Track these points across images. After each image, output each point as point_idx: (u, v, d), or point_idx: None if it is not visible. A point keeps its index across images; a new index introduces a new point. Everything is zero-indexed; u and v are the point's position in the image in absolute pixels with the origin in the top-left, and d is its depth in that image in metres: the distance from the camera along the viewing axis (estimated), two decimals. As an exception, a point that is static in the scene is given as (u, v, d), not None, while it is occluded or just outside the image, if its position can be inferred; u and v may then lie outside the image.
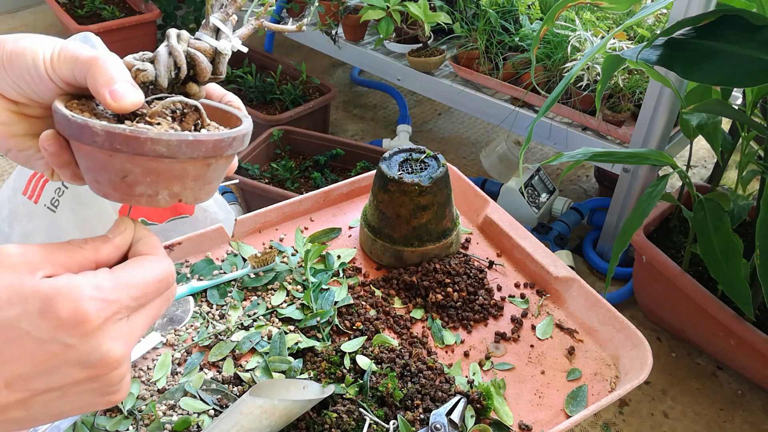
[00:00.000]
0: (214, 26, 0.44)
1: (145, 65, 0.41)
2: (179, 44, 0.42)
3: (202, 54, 0.43)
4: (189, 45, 0.43)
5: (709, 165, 2.02)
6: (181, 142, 0.37)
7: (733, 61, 0.81)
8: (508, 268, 0.82)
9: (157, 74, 0.41)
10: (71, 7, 2.43)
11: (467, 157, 2.06)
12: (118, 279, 0.37)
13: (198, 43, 0.43)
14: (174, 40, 0.42)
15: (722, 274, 1.06)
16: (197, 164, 0.39)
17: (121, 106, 0.38)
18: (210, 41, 0.43)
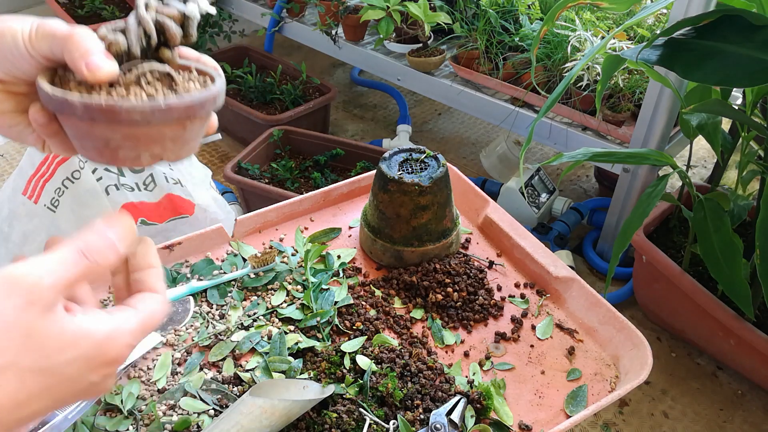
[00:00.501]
0: None
1: (116, 36, 0.42)
2: (148, 13, 0.43)
3: (171, 20, 0.43)
4: (157, 12, 0.43)
5: (709, 165, 2.02)
6: (154, 109, 0.40)
7: (733, 61, 0.81)
8: (508, 268, 0.82)
9: (129, 44, 0.42)
10: (71, 7, 2.43)
11: (467, 157, 2.06)
12: (144, 325, 0.40)
13: (166, 9, 0.43)
14: (142, 10, 0.42)
15: (722, 274, 1.06)
16: (173, 127, 0.42)
17: (96, 77, 0.40)
18: (178, 5, 0.44)
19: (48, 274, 0.36)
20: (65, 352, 0.36)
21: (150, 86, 0.43)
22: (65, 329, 0.36)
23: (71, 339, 0.36)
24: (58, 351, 0.35)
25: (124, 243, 0.41)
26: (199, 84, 0.46)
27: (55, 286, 0.36)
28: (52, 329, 0.35)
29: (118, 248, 0.40)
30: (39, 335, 0.35)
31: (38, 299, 0.35)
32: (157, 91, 0.42)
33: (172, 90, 0.43)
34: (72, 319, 0.37)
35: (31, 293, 0.35)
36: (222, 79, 0.46)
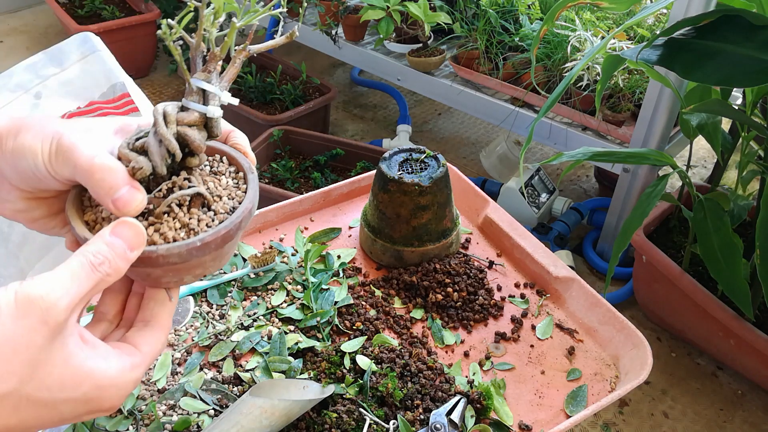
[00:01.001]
0: (198, 88, 0.42)
1: (139, 161, 0.40)
2: (168, 128, 0.40)
3: (193, 127, 0.41)
4: (177, 123, 0.41)
5: (709, 165, 2.02)
6: (191, 249, 0.40)
7: (733, 61, 0.81)
8: (508, 268, 0.82)
9: (153, 166, 0.41)
10: (71, 7, 2.43)
11: (467, 157, 2.06)
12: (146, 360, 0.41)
13: (186, 117, 0.41)
14: (162, 127, 0.40)
15: (722, 274, 1.06)
16: (212, 254, 0.42)
17: (126, 213, 0.40)
18: (198, 108, 0.41)
19: (64, 295, 0.35)
20: (66, 390, 0.36)
21: (183, 213, 0.42)
22: (69, 364, 0.36)
23: (73, 377, 0.36)
24: (58, 387, 0.35)
25: (135, 250, 0.39)
26: (231, 182, 0.45)
27: (71, 305, 0.35)
28: (58, 360, 0.35)
29: (128, 257, 0.39)
30: (45, 364, 0.34)
31: (52, 320, 0.34)
32: (191, 219, 0.42)
33: (206, 207, 0.43)
34: (80, 354, 0.36)
35: (46, 314, 0.34)
36: (254, 173, 0.45)
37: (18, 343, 0.33)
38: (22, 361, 0.33)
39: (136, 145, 0.41)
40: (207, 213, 0.43)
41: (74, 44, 0.89)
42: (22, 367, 0.33)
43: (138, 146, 0.41)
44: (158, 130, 0.40)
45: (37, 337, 0.34)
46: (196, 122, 0.41)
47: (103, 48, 0.91)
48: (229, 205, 0.44)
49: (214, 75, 0.42)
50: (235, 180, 0.46)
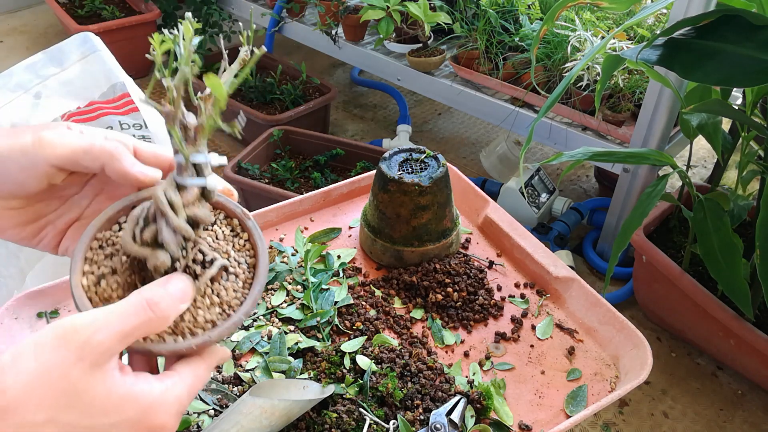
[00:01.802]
0: (191, 164, 0.42)
1: (159, 257, 0.41)
2: (179, 217, 0.41)
3: (198, 205, 0.42)
4: (184, 205, 0.41)
5: (709, 165, 2.02)
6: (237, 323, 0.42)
7: (733, 61, 0.81)
8: (508, 268, 0.82)
9: (172, 256, 0.41)
10: (71, 7, 2.43)
11: (467, 157, 2.06)
12: (191, 392, 0.40)
13: (190, 197, 0.41)
14: (174, 219, 0.40)
15: (722, 274, 1.06)
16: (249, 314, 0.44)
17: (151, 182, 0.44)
18: (197, 183, 0.42)
19: (104, 328, 0.35)
20: (109, 415, 0.35)
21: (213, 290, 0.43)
22: (112, 391, 0.35)
23: (117, 402, 0.35)
24: (102, 413, 0.35)
25: (186, 302, 0.40)
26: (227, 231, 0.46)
27: (109, 339, 0.35)
28: (99, 389, 0.35)
29: (179, 307, 0.39)
30: (84, 395, 0.34)
31: (89, 355, 0.34)
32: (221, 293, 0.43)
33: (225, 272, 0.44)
34: (121, 382, 0.36)
35: (83, 349, 0.34)
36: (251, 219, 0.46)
37: (53, 375, 0.33)
38: (56, 392, 0.33)
39: (145, 237, 0.41)
40: (228, 279, 0.44)
41: (74, 44, 0.89)
42: (57, 398, 0.33)
43: (147, 238, 0.41)
44: (172, 223, 0.40)
45: (73, 370, 0.34)
46: (197, 198, 0.42)
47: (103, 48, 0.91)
48: (240, 256, 0.45)
49: (202, 143, 0.41)
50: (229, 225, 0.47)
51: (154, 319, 0.37)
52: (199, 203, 0.42)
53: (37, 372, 0.33)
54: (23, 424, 0.33)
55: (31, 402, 0.33)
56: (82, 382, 0.34)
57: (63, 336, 0.34)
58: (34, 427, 0.33)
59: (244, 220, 0.46)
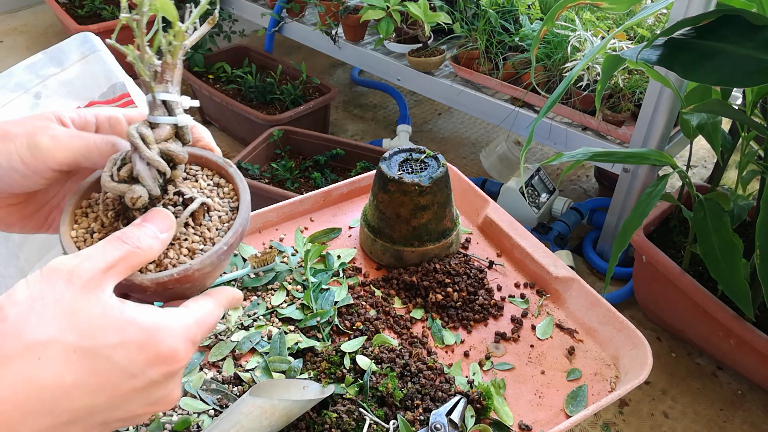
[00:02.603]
0: (160, 101, 0.42)
1: (135, 190, 0.41)
2: (152, 150, 0.41)
3: (171, 141, 0.43)
4: (157, 140, 0.42)
5: (709, 165, 2.02)
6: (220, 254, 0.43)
7: (733, 61, 0.81)
8: (508, 268, 0.82)
9: (149, 191, 0.42)
10: (71, 7, 2.43)
11: (467, 157, 2.06)
12: (200, 322, 0.40)
13: (162, 133, 0.42)
14: (146, 150, 0.41)
15: (722, 274, 1.06)
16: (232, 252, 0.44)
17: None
18: (169, 121, 0.42)
19: (86, 260, 0.36)
20: (109, 335, 0.34)
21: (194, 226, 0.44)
22: (108, 312, 0.35)
23: (115, 322, 0.34)
24: (102, 332, 0.34)
25: (166, 232, 0.41)
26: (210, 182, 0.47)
27: (94, 268, 0.35)
28: (95, 310, 0.34)
29: (158, 235, 0.40)
30: (81, 313, 0.34)
31: (78, 278, 0.34)
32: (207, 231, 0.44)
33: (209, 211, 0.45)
34: (119, 305, 0.35)
35: (71, 275, 0.35)
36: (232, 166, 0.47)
37: (47, 299, 0.33)
38: (54, 312, 0.33)
39: (121, 174, 0.42)
40: (212, 218, 0.45)
41: (74, 44, 0.89)
42: (56, 317, 0.33)
43: (124, 175, 0.42)
44: (144, 155, 0.41)
45: (66, 293, 0.34)
46: (170, 135, 0.43)
47: (103, 48, 0.91)
48: (224, 204, 0.46)
49: (171, 84, 0.42)
50: (210, 178, 0.47)
51: (132, 249, 0.38)
52: (174, 141, 0.43)
53: (31, 298, 0.33)
54: (27, 344, 0.32)
55: (31, 322, 0.33)
56: (76, 303, 0.34)
57: (50, 269, 0.35)
58: (37, 345, 0.32)
59: (226, 168, 0.47)
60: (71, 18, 2.28)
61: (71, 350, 0.33)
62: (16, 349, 0.32)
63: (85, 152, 0.42)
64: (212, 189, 0.47)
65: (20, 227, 0.46)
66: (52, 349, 0.32)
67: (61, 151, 0.41)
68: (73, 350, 0.33)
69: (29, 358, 0.32)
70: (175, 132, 0.43)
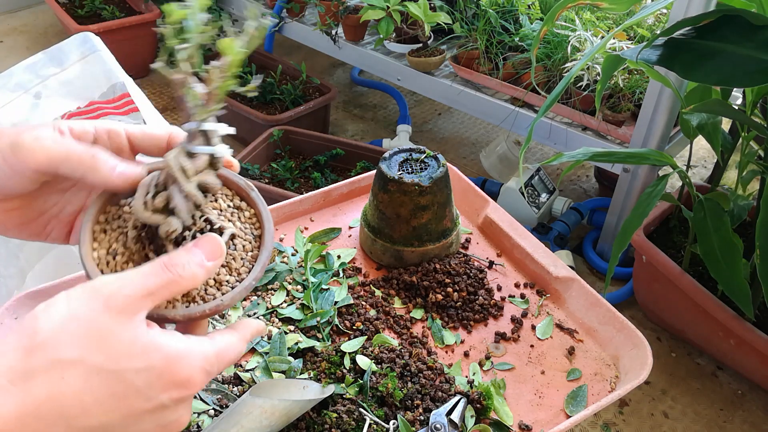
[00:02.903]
0: (200, 131, 0.42)
1: (172, 224, 0.42)
2: (190, 183, 0.42)
3: (207, 172, 0.43)
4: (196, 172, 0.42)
5: (709, 165, 2.02)
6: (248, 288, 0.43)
7: (733, 61, 0.81)
8: (508, 268, 0.82)
9: (184, 223, 0.42)
10: (71, 7, 2.43)
11: (467, 157, 2.06)
12: (220, 355, 0.41)
13: (200, 164, 0.42)
14: (186, 184, 0.41)
15: (722, 274, 1.06)
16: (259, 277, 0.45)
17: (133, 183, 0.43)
18: (207, 150, 0.42)
19: (128, 284, 0.37)
20: (134, 360, 0.36)
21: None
22: (137, 338, 0.36)
23: (142, 348, 0.36)
24: (127, 357, 0.36)
25: (213, 260, 0.41)
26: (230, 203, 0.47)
27: (134, 294, 0.37)
28: (125, 335, 0.36)
29: (205, 264, 0.40)
30: (111, 338, 0.35)
31: (115, 305, 0.36)
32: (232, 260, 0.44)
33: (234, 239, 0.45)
34: (147, 331, 0.37)
35: (109, 299, 0.36)
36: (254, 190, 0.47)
37: (81, 320, 0.35)
38: (84, 334, 0.35)
39: (156, 204, 0.42)
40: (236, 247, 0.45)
41: (74, 44, 0.89)
42: (85, 338, 0.35)
43: (159, 205, 0.42)
44: (183, 188, 0.41)
45: (101, 317, 0.35)
46: (207, 165, 0.43)
47: (103, 48, 0.91)
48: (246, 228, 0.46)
49: (212, 114, 0.42)
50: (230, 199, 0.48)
51: (175, 278, 0.39)
52: (208, 171, 0.43)
53: (68, 316, 0.35)
54: (54, 361, 0.34)
55: (62, 341, 0.35)
56: (109, 327, 0.36)
57: (92, 289, 0.36)
58: (64, 364, 0.34)
59: (248, 191, 0.47)
60: (71, 18, 2.28)
61: (95, 372, 0.35)
62: (43, 365, 0.34)
63: (64, 158, 0.42)
64: (233, 212, 0.47)
65: (17, 233, 0.47)
66: (77, 369, 0.35)
67: (41, 152, 0.41)
68: (96, 372, 0.35)
69: (54, 376, 0.34)
70: (211, 161, 0.43)
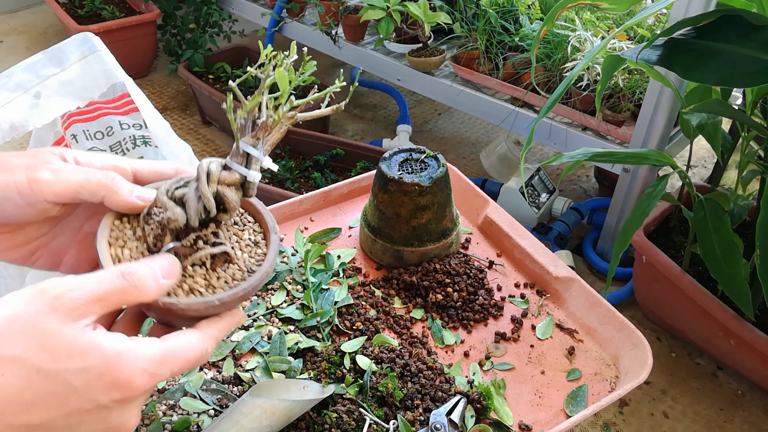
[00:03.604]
0: (244, 152, 0.44)
1: (175, 212, 0.42)
2: (209, 187, 0.43)
3: (232, 188, 0.44)
4: (219, 181, 0.43)
5: (709, 165, 2.02)
6: (209, 306, 0.42)
7: (733, 61, 0.81)
8: (508, 268, 0.82)
9: (188, 218, 0.43)
10: (71, 7, 2.43)
11: (467, 157, 2.06)
12: (169, 356, 0.39)
13: (228, 177, 0.43)
14: (204, 185, 0.42)
15: (722, 274, 1.06)
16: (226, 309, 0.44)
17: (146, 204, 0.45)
18: (240, 170, 0.44)
19: (78, 288, 0.37)
20: (73, 360, 0.36)
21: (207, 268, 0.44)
22: (78, 339, 0.36)
23: (82, 348, 0.36)
24: (67, 357, 0.36)
25: (167, 280, 0.41)
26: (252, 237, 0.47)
27: (82, 298, 0.37)
28: (67, 335, 0.36)
29: (160, 282, 0.41)
30: (52, 338, 0.35)
31: (61, 306, 0.36)
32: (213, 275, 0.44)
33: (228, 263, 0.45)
34: (90, 333, 0.37)
35: (55, 300, 0.36)
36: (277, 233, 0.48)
37: (26, 321, 0.35)
38: (27, 333, 0.35)
39: (176, 194, 0.43)
40: (228, 269, 0.45)
41: (74, 44, 0.89)
42: (27, 338, 0.35)
43: (177, 196, 0.43)
44: (200, 187, 0.42)
45: (44, 318, 0.35)
46: (235, 183, 0.44)
47: (103, 48, 0.91)
48: (249, 262, 0.46)
49: (261, 142, 0.44)
50: (256, 234, 0.49)
51: (128, 287, 0.39)
52: (236, 190, 0.44)
53: (12, 316, 0.35)
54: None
55: (3, 339, 0.35)
56: (52, 328, 0.36)
57: (40, 291, 0.36)
58: (3, 361, 0.35)
59: (270, 232, 0.48)
60: (71, 18, 2.28)
61: (34, 370, 0.35)
62: None
63: (84, 183, 0.43)
64: (250, 246, 0.47)
65: (4, 256, 0.47)
66: (16, 367, 0.35)
67: (58, 183, 0.42)
68: (36, 371, 0.35)
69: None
70: (242, 183, 0.44)
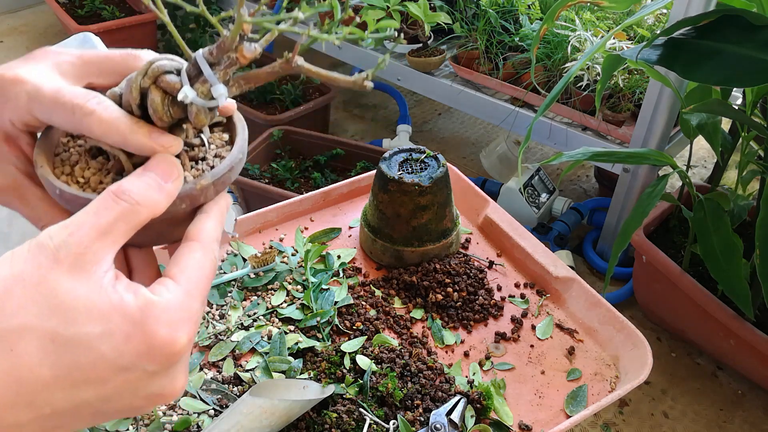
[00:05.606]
0: (195, 62, 0.35)
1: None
2: (143, 80, 0.36)
3: (159, 95, 0.36)
4: (156, 80, 0.36)
5: (709, 165, 2.02)
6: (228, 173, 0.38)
7: (733, 61, 0.81)
8: (508, 268, 0.82)
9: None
10: (71, 7, 2.43)
11: (467, 157, 2.06)
12: (190, 289, 0.34)
13: (166, 79, 0.36)
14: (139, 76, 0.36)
15: (722, 274, 1.06)
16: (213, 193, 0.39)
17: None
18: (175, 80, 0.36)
19: (77, 230, 0.31)
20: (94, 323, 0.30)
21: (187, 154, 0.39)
22: (93, 296, 0.30)
23: (101, 308, 0.30)
24: (86, 320, 0.30)
25: (171, 180, 0.35)
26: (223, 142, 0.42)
27: (87, 239, 0.31)
28: (80, 292, 0.30)
29: (164, 187, 0.34)
30: (64, 297, 0.30)
31: (65, 257, 0.30)
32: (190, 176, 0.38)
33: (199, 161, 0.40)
34: (106, 286, 0.31)
35: (58, 252, 0.30)
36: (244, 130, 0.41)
37: (29, 281, 0.30)
38: (34, 297, 0.30)
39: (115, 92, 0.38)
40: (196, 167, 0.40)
41: (74, 44, 0.89)
42: (36, 303, 0.30)
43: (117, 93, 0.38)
44: (133, 76, 0.36)
45: (51, 274, 0.30)
46: (169, 88, 0.36)
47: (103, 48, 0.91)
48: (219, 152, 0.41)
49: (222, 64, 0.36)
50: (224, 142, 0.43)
51: (130, 207, 0.33)
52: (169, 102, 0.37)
53: (11, 277, 0.30)
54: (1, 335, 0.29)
55: (7, 308, 0.29)
56: (61, 285, 0.30)
57: (37, 244, 0.31)
58: (12, 336, 0.29)
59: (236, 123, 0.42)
60: (71, 18, 2.28)
61: (48, 340, 0.29)
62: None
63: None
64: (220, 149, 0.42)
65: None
66: (27, 339, 0.29)
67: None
68: (50, 339, 0.29)
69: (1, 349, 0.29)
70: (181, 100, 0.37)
